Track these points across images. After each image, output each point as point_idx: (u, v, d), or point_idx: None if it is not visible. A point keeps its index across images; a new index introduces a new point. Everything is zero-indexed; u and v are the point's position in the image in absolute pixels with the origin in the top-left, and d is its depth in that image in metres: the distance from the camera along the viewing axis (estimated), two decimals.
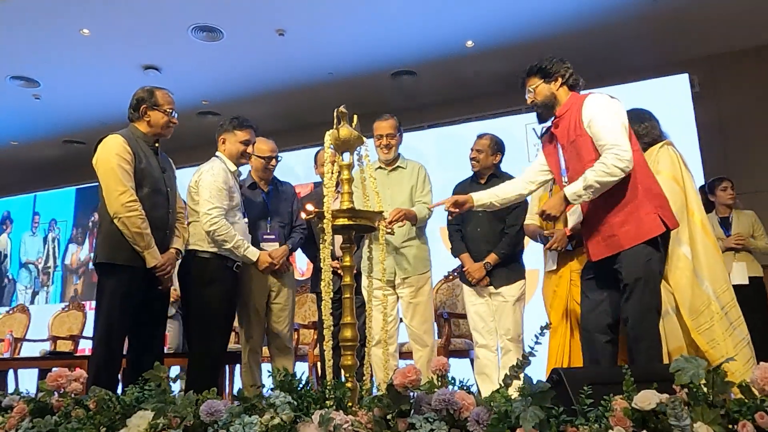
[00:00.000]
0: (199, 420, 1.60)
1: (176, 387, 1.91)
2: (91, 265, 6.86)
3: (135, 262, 2.47)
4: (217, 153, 2.97)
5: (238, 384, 4.03)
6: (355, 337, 2.11)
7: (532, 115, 2.54)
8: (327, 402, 1.63)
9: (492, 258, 2.97)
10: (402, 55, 5.69)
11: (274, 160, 3.17)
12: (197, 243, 2.79)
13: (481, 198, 2.41)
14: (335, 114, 2.31)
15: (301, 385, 1.67)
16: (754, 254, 3.94)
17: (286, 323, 3.12)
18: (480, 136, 3.16)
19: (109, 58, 5.38)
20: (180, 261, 2.77)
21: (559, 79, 2.31)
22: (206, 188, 2.77)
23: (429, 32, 5.25)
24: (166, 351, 3.54)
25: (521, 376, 1.42)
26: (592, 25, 5.08)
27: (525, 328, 3.01)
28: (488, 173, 3.13)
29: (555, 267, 2.67)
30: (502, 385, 1.48)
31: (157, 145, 2.67)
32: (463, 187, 3.12)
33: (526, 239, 3.05)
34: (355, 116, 2.40)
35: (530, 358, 1.48)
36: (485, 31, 5.22)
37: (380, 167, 3.15)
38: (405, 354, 3.36)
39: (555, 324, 2.62)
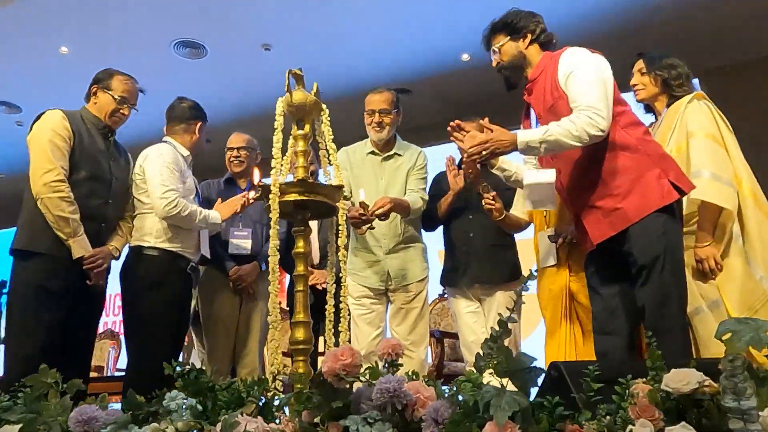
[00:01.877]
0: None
1: None
2: None
3: (58, 251, 2.13)
4: (167, 138, 2.64)
5: None
6: (309, 339, 1.71)
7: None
8: (247, 406, 1.21)
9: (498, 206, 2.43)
10: (395, 72, 5.45)
11: (236, 151, 2.90)
12: (143, 238, 2.42)
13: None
14: (287, 75, 1.98)
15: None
16: None
17: (258, 339, 2.74)
18: (469, 120, 2.79)
19: (89, 78, 5.17)
20: (121, 258, 2.42)
21: (528, 36, 1.97)
22: (156, 171, 2.43)
23: (423, 46, 5.04)
24: None
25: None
26: (592, 35, 4.79)
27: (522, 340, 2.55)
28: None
29: (556, 261, 2.25)
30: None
31: (109, 134, 2.42)
32: (441, 180, 2.73)
33: None
34: (315, 84, 2.08)
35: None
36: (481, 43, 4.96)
37: (372, 152, 2.66)
38: None
39: (551, 327, 2.18)
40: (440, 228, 2.76)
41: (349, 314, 1.86)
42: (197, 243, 2.53)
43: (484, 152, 1.85)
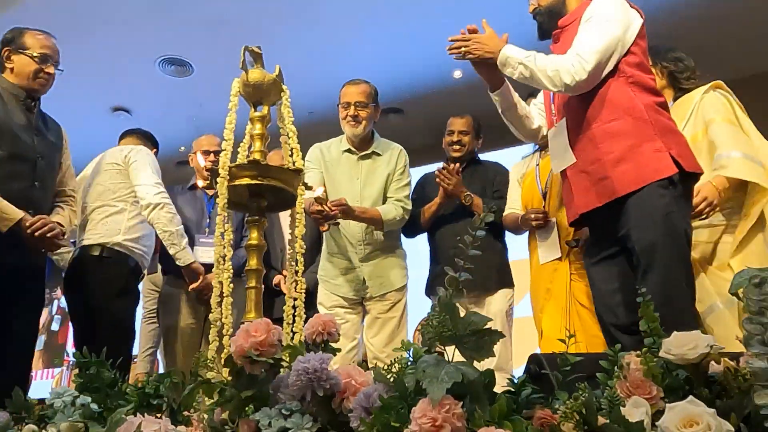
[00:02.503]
0: None
1: None
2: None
3: None
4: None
5: None
6: None
7: (527, 147, 2.09)
8: (152, 404, 0.98)
9: (476, 200, 2.33)
10: (387, 92, 5.33)
11: (213, 156, 2.69)
12: (112, 237, 2.22)
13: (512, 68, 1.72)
14: (242, 52, 1.82)
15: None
16: None
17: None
18: (457, 116, 2.63)
19: (75, 100, 5.07)
20: (78, 257, 2.19)
21: None
22: (147, 164, 2.29)
23: (414, 63, 4.94)
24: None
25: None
26: None
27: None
28: (467, 159, 2.55)
29: (559, 255, 2.02)
30: None
31: (33, 103, 2.10)
32: (427, 180, 2.54)
33: None
34: (277, 66, 1.91)
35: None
36: None
37: (348, 150, 2.45)
38: None
39: (548, 332, 1.94)
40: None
41: (306, 313, 1.63)
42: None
43: (464, 49, 1.72)
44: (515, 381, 0.74)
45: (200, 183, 2.20)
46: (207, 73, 4.82)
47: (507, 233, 2.50)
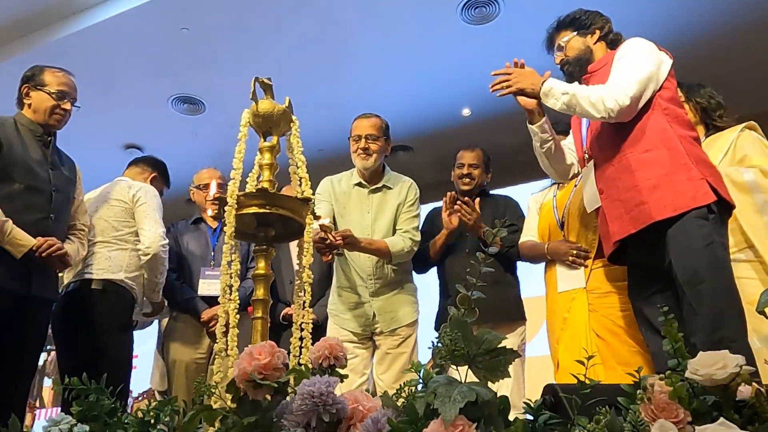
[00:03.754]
0: None
1: None
2: None
3: None
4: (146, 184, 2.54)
5: None
6: None
7: (536, 184, 2.10)
8: None
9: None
10: (395, 130, 5.38)
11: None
12: (116, 273, 2.25)
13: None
14: (252, 83, 1.84)
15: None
16: None
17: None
18: (467, 149, 2.63)
19: (88, 136, 5.16)
20: (77, 290, 2.20)
21: (597, 32, 1.88)
22: (155, 208, 2.32)
23: (423, 101, 5.00)
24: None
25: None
26: None
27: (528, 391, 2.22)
28: (477, 192, 2.54)
29: (583, 284, 1.98)
30: None
31: (49, 138, 2.16)
32: (437, 215, 2.52)
33: None
34: (287, 98, 1.93)
35: None
36: (483, 96, 4.90)
37: (359, 183, 2.45)
38: None
39: (567, 365, 1.87)
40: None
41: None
42: None
43: (505, 83, 1.77)
44: (532, 406, 0.70)
45: (209, 212, 2.20)
46: (219, 112, 4.90)
47: (519, 269, 2.47)
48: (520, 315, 2.34)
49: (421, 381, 0.72)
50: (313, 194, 1.73)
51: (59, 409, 2.57)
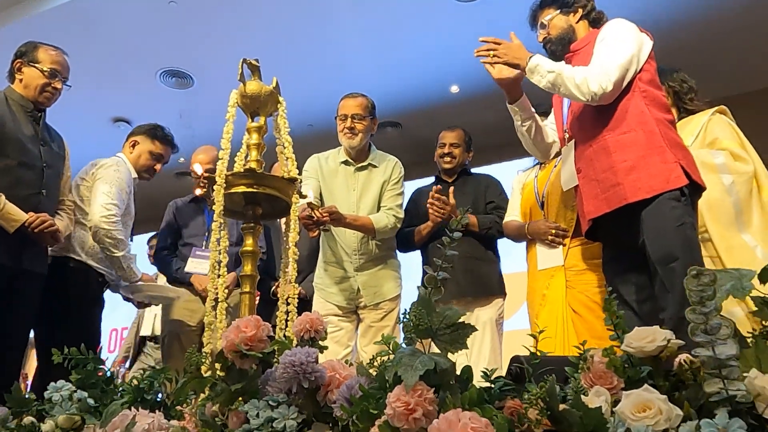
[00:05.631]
0: None
1: None
2: None
3: None
4: (120, 154, 2.51)
5: None
6: None
7: (521, 162, 2.17)
8: (146, 400, 1.02)
9: (472, 219, 2.38)
10: (385, 106, 5.41)
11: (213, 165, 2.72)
12: (76, 251, 2.26)
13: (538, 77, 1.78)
14: (240, 64, 1.88)
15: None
16: None
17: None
18: (449, 129, 2.69)
19: (76, 109, 5.14)
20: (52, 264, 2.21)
21: (579, 11, 1.91)
22: (108, 182, 2.29)
23: (412, 78, 5.03)
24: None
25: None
26: None
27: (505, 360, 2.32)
28: (459, 171, 2.62)
29: (562, 262, 2.08)
30: None
31: (39, 114, 2.17)
32: (421, 193, 2.59)
33: None
34: (274, 79, 1.97)
35: None
36: (471, 74, 4.94)
37: (346, 161, 2.50)
38: None
39: (542, 338, 1.97)
40: None
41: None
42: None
43: (492, 53, 1.78)
44: (488, 374, 0.78)
45: (197, 191, 2.24)
46: (207, 85, 4.90)
47: (502, 246, 2.55)
48: (500, 290, 2.44)
49: (390, 352, 0.79)
50: (300, 173, 1.79)
51: None
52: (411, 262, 2.67)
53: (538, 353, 0.80)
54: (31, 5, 4.25)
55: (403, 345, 0.72)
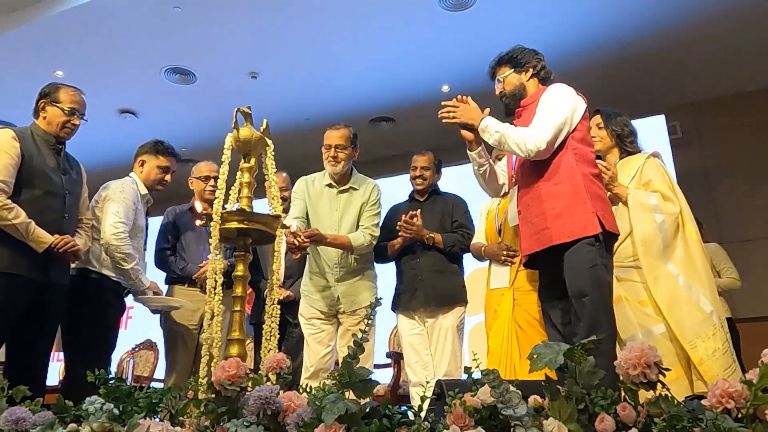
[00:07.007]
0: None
1: None
2: None
3: (17, 269, 2.24)
4: (132, 173, 2.83)
5: None
6: (243, 356, 1.87)
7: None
8: (157, 410, 1.37)
9: (437, 238, 2.71)
10: (379, 101, 5.67)
11: (213, 181, 3.01)
12: (93, 264, 2.60)
13: (489, 134, 2.09)
14: (234, 113, 2.17)
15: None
16: (722, 295, 3.54)
17: (220, 351, 2.88)
18: (421, 153, 3.00)
19: (87, 101, 5.39)
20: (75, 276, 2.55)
21: (530, 70, 2.19)
22: (114, 201, 2.61)
23: (405, 79, 5.25)
24: None
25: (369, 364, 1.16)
26: (570, 67, 5.00)
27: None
28: (429, 191, 2.95)
29: (508, 284, 2.39)
30: None
31: (60, 147, 2.48)
32: (397, 211, 2.91)
33: None
34: (264, 120, 2.27)
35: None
36: (461, 75, 5.18)
37: (330, 184, 2.81)
38: None
39: (494, 348, 2.32)
40: None
41: (281, 334, 2.03)
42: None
43: (452, 113, 2.12)
44: (391, 410, 1.10)
45: (198, 222, 2.53)
46: (209, 82, 5.15)
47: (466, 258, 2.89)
48: (462, 298, 2.77)
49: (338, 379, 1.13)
50: (285, 209, 2.10)
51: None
52: (386, 271, 2.99)
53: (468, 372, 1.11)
54: (48, 7, 4.49)
55: (329, 395, 1.05)
